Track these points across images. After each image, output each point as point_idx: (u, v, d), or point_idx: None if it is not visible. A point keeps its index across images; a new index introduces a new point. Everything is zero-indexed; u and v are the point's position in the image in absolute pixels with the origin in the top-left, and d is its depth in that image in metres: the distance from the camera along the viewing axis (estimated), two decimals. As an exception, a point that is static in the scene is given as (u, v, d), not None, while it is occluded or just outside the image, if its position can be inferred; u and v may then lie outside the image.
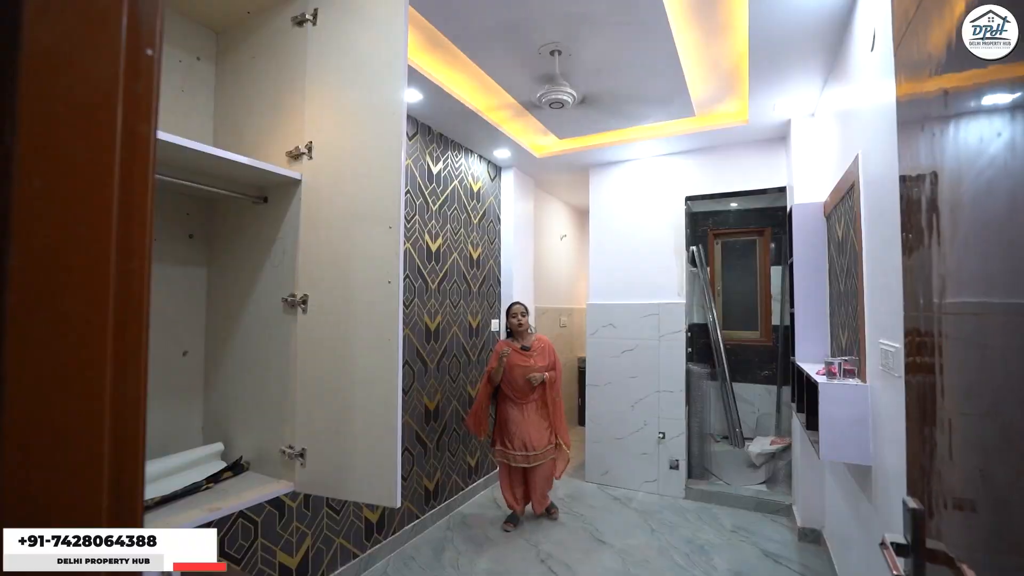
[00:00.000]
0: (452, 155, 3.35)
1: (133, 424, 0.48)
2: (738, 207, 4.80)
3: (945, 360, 0.71)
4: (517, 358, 3.06)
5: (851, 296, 2.03)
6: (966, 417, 0.69)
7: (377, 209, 1.41)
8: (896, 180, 1.44)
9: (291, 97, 1.59)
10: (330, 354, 1.47)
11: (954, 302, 0.69)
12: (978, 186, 0.67)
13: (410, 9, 2.08)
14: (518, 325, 3.14)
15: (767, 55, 2.23)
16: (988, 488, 0.64)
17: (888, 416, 1.58)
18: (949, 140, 0.74)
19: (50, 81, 0.44)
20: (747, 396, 4.69)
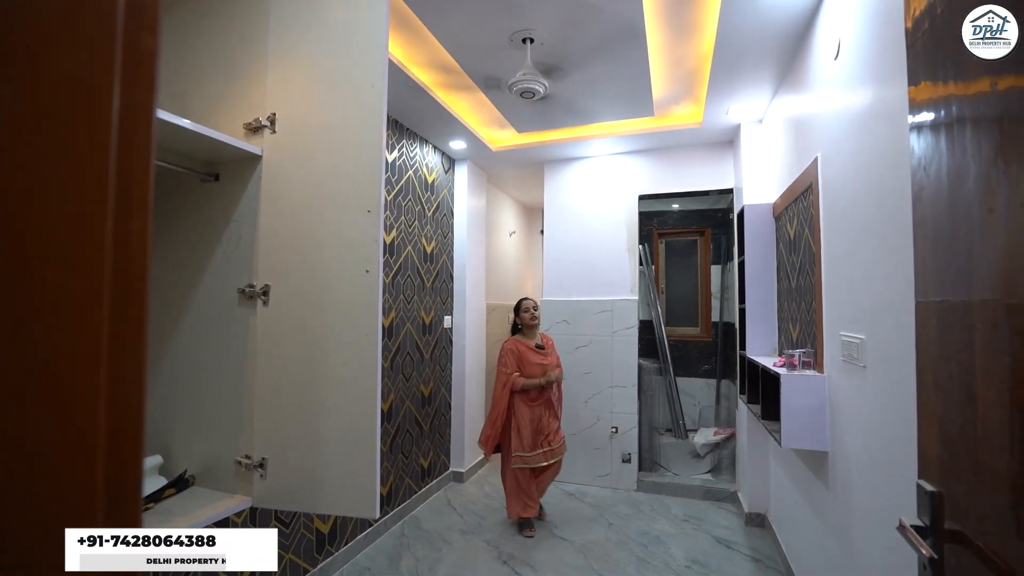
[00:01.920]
0: (407, 144, 3.20)
1: (131, 419, 0.37)
2: (680, 208, 4.99)
3: (973, 345, 0.73)
4: (535, 357, 2.96)
5: (806, 292, 2.13)
6: (987, 401, 0.71)
7: (354, 191, 1.28)
8: (860, 180, 1.52)
9: (250, 63, 1.42)
10: (297, 351, 1.33)
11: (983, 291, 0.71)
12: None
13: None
14: (531, 319, 3.02)
15: (730, 59, 2.30)
16: (1010, 468, 0.66)
17: (848, 404, 1.67)
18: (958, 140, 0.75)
19: None
20: (688, 389, 4.89)
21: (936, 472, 0.84)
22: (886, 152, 1.35)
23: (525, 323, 3.04)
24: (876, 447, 1.44)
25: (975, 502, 0.75)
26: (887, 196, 1.35)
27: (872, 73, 1.46)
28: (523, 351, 2.97)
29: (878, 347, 1.42)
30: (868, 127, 1.48)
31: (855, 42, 1.59)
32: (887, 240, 1.35)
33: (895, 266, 1.30)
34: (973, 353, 0.74)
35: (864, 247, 1.52)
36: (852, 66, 1.62)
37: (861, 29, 1.54)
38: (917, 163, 0.86)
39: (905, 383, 1.24)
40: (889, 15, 1.34)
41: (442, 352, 3.65)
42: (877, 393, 1.43)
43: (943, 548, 0.80)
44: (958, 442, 0.78)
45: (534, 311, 3.04)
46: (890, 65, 1.33)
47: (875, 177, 1.43)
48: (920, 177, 0.86)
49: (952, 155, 0.77)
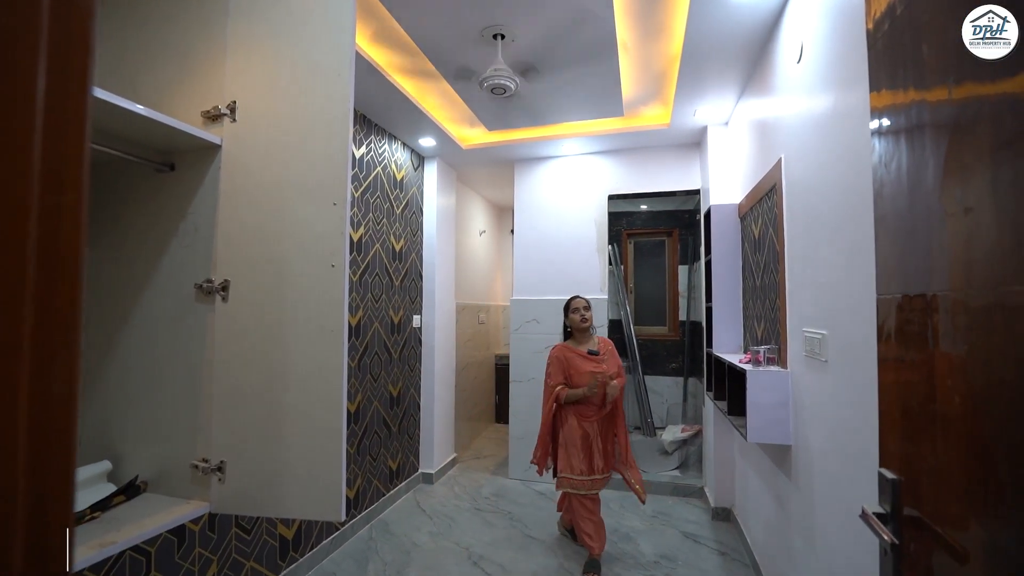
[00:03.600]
0: (376, 140, 3.14)
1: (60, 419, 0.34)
2: (649, 209, 5.07)
3: (931, 338, 0.75)
4: (587, 364, 2.52)
5: (770, 290, 2.19)
6: (944, 391, 0.73)
7: (319, 183, 1.24)
8: (822, 181, 1.57)
9: (208, 47, 1.36)
10: (258, 349, 1.27)
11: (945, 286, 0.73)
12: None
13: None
14: (582, 321, 2.57)
15: (697, 62, 2.34)
16: (966, 455, 0.68)
17: (810, 398, 1.71)
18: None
19: None
20: (656, 388, 4.96)
21: (896, 461, 0.86)
22: (847, 154, 1.40)
23: (575, 325, 2.61)
24: (838, 439, 1.48)
25: (933, 489, 0.77)
26: (848, 197, 1.39)
27: (834, 77, 1.50)
28: (571, 358, 2.55)
29: (839, 342, 1.47)
30: (830, 129, 1.53)
31: (817, 46, 1.64)
32: (848, 239, 1.39)
33: (856, 264, 1.34)
34: (931, 345, 0.76)
35: (826, 246, 1.56)
36: (814, 70, 1.67)
37: (823, 34, 1.59)
38: (878, 161, 0.88)
39: (866, 376, 1.27)
40: (850, 20, 1.39)
41: (411, 352, 3.60)
42: (838, 387, 1.47)
43: (903, 534, 0.82)
44: (917, 432, 0.81)
45: (584, 311, 2.59)
46: (851, 69, 1.37)
47: (837, 178, 1.47)
48: (881, 175, 0.88)
49: (911, 156, 0.79)
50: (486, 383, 5.38)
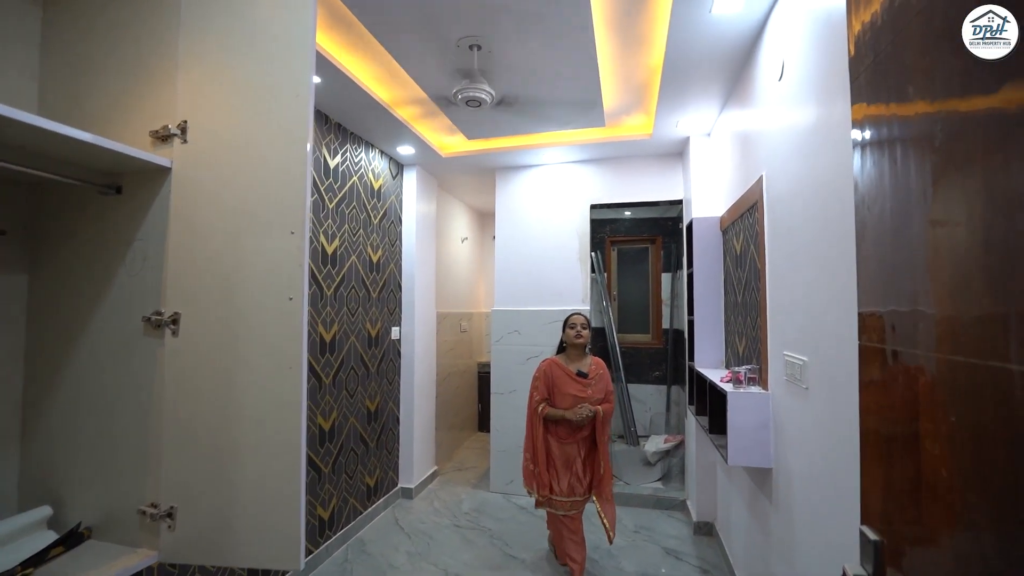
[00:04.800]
0: (352, 148, 3.05)
1: None
2: (632, 216, 5.04)
3: (918, 377, 0.70)
4: (571, 386, 2.49)
5: (751, 308, 2.15)
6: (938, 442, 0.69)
7: (277, 210, 1.16)
8: (803, 201, 1.53)
9: (158, 61, 1.27)
10: (211, 386, 1.19)
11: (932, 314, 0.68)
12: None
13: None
14: (576, 336, 2.54)
15: (678, 73, 2.30)
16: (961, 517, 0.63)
17: (791, 422, 1.68)
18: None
19: None
20: (640, 396, 4.94)
21: (878, 519, 0.82)
22: (829, 173, 1.36)
23: (569, 340, 2.56)
24: (819, 468, 1.45)
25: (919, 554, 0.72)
26: (829, 218, 1.35)
27: (815, 95, 1.47)
28: (558, 376, 2.51)
29: (820, 370, 1.43)
30: (811, 148, 1.49)
31: (798, 65, 1.61)
32: (829, 262, 1.36)
33: (837, 290, 1.31)
34: (915, 386, 0.71)
35: (807, 268, 1.53)
36: (795, 88, 1.63)
37: (804, 53, 1.55)
38: (859, 173, 0.84)
39: (848, 409, 1.24)
40: (830, 40, 1.35)
41: (390, 365, 3.51)
42: (820, 416, 1.44)
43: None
44: (901, 487, 0.76)
45: (581, 328, 2.55)
46: (832, 89, 1.33)
47: (818, 198, 1.44)
48: (862, 190, 0.83)
49: (892, 172, 0.75)
50: (469, 392, 5.31)
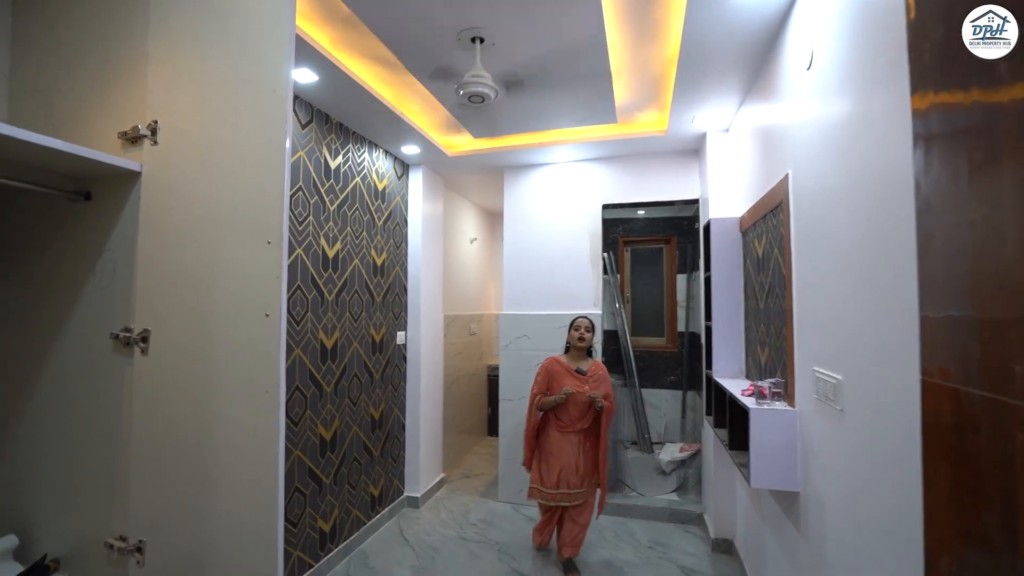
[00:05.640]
0: (354, 148, 2.95)
1: None
2: (646, 215, 4.87)
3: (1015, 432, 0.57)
4: (569, 380, 2.65)
5: (775, 316, 2.00)
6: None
7: (252, 217, 1.05)
8: (837, 203, 1.38)
9: (128, 57, 1.17)
10: (181, 409, 1.09)
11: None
12: None
13: (302, -33, 1.70)
14: (579, 339, 2.70)
15: (695, 65, 2.15)
16: None
17: (822, 446, 1.53)
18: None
19: None
20: (654, 401, 4.78)
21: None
22: (869, 172, 1.21)
23: (572, 342, 2.75)
24: (856, 501, 1.30)
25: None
26: (870, 223, 1.21)
27: (850, 85, 1.32)
28: (557, 371, 2.69)
29: (858, 392, 1.28)
30: (847, 144, 1.34)
31: (830, 52, 1.46)
32: (869, 273, 1.21)
33: (879, 305, 1.16)
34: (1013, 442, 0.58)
35: (841, 277, 1.38)
36: (827, 77, 1.48)
37: (837, 37, 1.40)
38: (920, 173, 0.70)
39: (894, 441, 1.09)
40: (871, 22, 1.20)
41: (395, 370, 3.41)
42: (857, 443, 1.29)
43: None
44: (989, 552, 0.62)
45: (585, 332, 2.71)
46: (872, 76, 1.19)
47: (855, 200, 1.29)
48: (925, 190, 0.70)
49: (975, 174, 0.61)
50: (478, 396, 5.20)
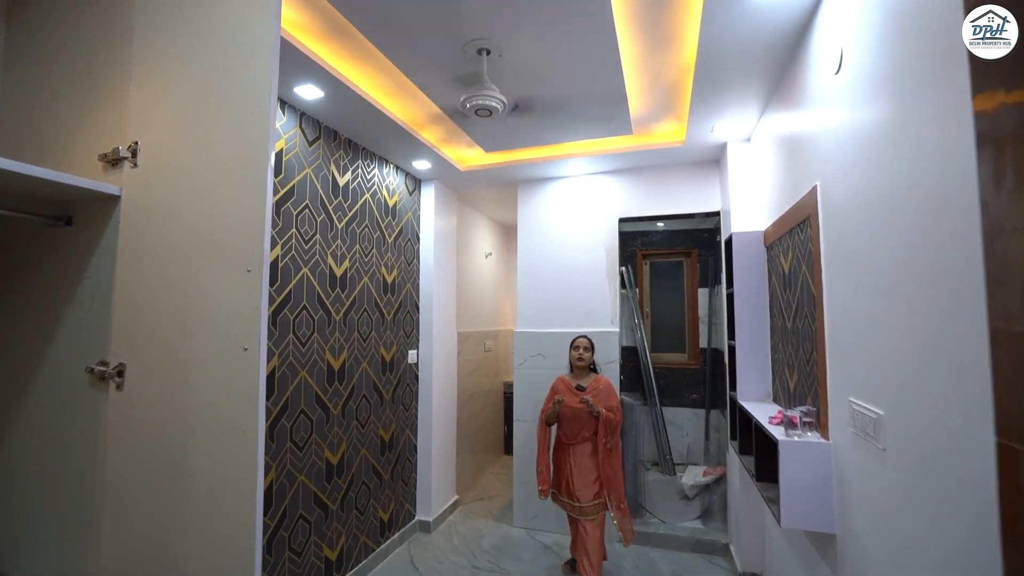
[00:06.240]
0: (363, 165, 2.91)
1: None
2: (665, 228, 4.73)
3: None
4: (570, 397, 2.75)
5: (804, 337, 1.86)
6: None
7: (232, 243, 0.98)
8: (875, 216, 1.25)
9: (111, 76, 1.12)
10: (156, 449, 1.01)
11: None
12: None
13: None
14: (578, 359, 2.81)
15: (714, 72, 2.04)
16: None
17: (863, 486, 1.38)
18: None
19: None
20: (676, 420, 4.60)
21: None
22: (916, 184, 1.08)
23: (572, 362, 2.87)
24: (904, 547, 1.16)
25: None
26: (918, 241, 1.08)
27: (886, 88, 1.20)
28: (560, 389, 2.81)
29: (904, 431, 1.14)
30: (886, 153, 1.22)
31: (863, 53, 1.34)
32: (917, 299, 1.08)
33: (930, 336, 1.02)
34: None
35: (881, 300, 1.24)
36: (859, 81, 1.36)
37: (870, 37, 1.29)
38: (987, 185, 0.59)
39: (954, 494, 0.95)
40: (912, 17, 1.08)
41: (406, 390, 3.33)
42: (905, 488, 1.15)
43: None
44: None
45: (583, 352, 2.82)
46: (918, 76, 1.06)
47: (899, 215, 1.16)
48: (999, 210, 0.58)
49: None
50: (493, 413, 5.09)
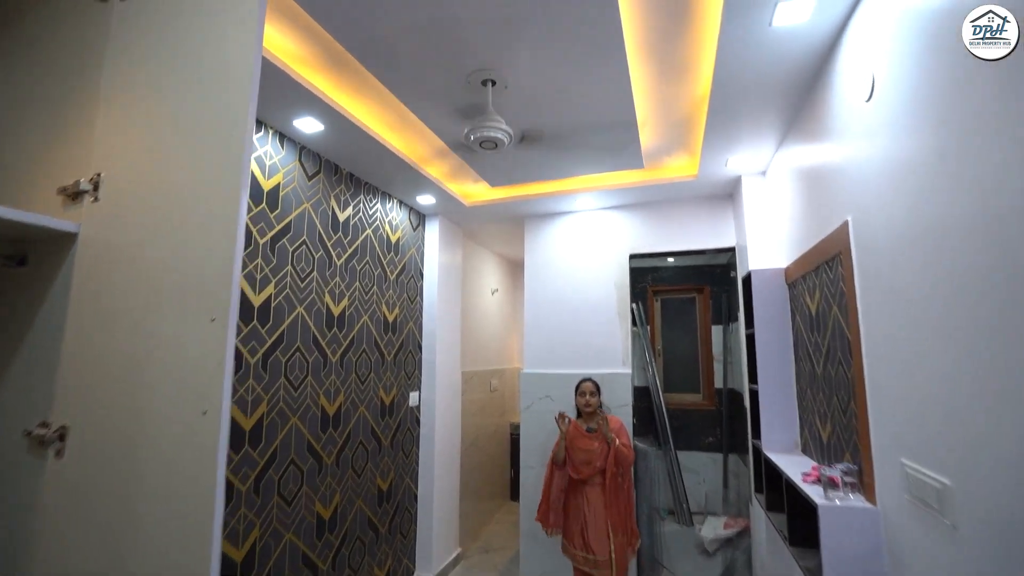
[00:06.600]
0: (366, 199, 2.83)
1: None
2: (676, 263, 4.61)
3: None
4: (581, 440, 2.66)
5: (839, 385, 1.69)
6: None
7: (196, 288, 0.85)
8: (923, 254, 1.09)
9: (80, 99, 1.03)
10: (99, 531, 0.86)
11: None
12: None
13: (301, 12, 1.59)
14: (585, 405, 2.74)
15: (729, 103, 1.95)
16: None
17: (923, 561, 1.19)
18: None
19: None
20: (692, 465, 4.34)
21: None
22: (971, 214, 0.95)
23: (579, 407, 2.78)
24: (987, 657, 0.96)
25: None
26: (976, 276, 0.94)
27: (934, 113, 1.08)
28: (572, 434, 2.72)
29: (984, 507, 0.97)
30: (932, 183, 1.09)
31: (899, 77, 1.23)
32: (980, 341, 0.93)
33: (1003, 383, 0.87)
34: None
35: (940, 349, 1.09)
36: (895, 108, 1.25)
37: (907, 59, 1.18)
38: None
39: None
40: (951, 40, 0.97)
41: (406, 435, 3.15)
42: (979, 568, 0.96)
43: None
44: None
45: (590, 396, 2.75)
46: (972, 99, 0.95)
47: (949, 249, 1.03)
48: None
49: None
50: (499, 456, 4.85)
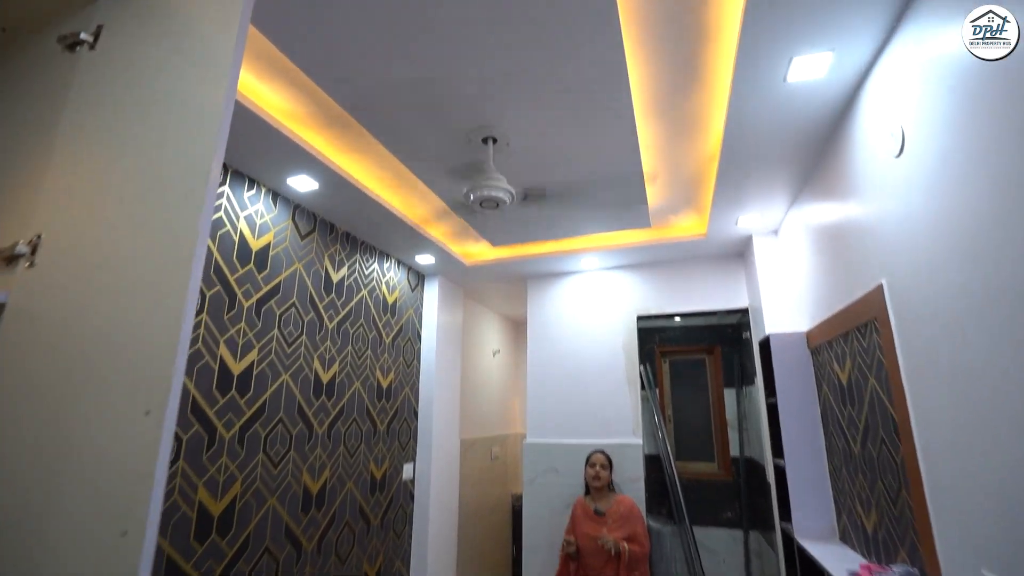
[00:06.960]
0: (362, 259, 2.72)
1: None
2: (684, 323, 4.45)
3: None
4: (587, 525, 2.44)
5: (883, 468, 1.49)
6: None
7: (132, 372, 0.70)
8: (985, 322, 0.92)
9: (31, 155, 0.92)
10: None
11: None
12: None
13: (294, 69, 1.54)
14: (594, 478, 2.55)
15: (739, 160, 1.88)
16: None
17: None
18: None
19: None
20: (710, 543, 3.98)
21: None
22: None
23: (588, 481, 2.59)
24: None
25: None
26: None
27: (982, 167, 0.97)
28: (578, 516, 2.52)
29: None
30: (984, 244, 0.96)
31: (933, 131, 1.13)
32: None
33: None
34: None
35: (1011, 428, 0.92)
36: (930, 163, 1.15)
37: (939, 111, 1.08)
38: None
39: None
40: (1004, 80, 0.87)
41: (398, 512, 2.87)
42: None
43: None
44: None
45: (600, 469, 2.56)
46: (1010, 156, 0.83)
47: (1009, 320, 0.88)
48: None
49: None
50: (500, 531, 4.48)
